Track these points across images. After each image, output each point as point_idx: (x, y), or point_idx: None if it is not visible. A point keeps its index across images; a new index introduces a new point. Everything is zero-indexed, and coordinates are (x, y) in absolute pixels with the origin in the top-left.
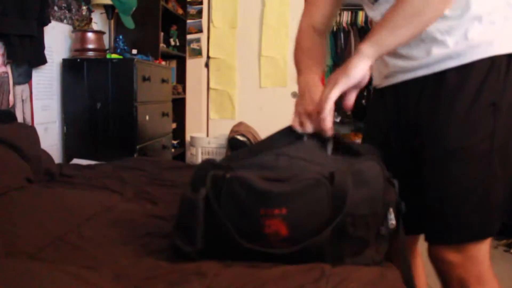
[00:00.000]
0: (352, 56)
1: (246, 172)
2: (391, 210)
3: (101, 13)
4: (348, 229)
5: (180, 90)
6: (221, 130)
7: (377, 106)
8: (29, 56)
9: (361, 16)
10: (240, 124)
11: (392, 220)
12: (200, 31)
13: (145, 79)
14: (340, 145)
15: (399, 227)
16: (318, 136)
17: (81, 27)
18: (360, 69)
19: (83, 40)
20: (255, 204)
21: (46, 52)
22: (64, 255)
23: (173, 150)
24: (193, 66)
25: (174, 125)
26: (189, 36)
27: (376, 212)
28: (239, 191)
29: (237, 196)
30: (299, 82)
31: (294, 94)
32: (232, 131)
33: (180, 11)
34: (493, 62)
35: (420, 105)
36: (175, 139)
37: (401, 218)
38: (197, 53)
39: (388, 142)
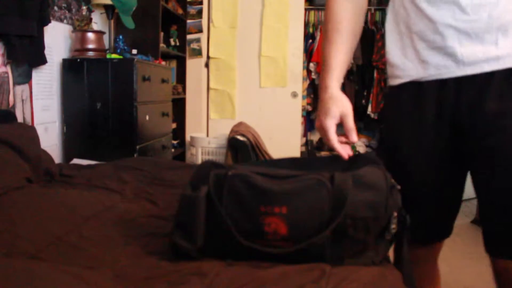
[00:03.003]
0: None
1: (247, 169)
2: (394, 214)
3: (101, 13)
4: (348, 231)
5: (180, 90)
6: (221, 130)
7: (415, 103)
8: (29, 56)
9: None
10: (240, 124)
11: (394, 224)
12: (200, 31)
13: (145, 79)
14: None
15: (403, 233)
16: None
17: (81, 27)
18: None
19: (83, 40)
20: (255, 201)
21: (46, 52)
22: (64, 255)
23: (173, 150)
24: (193, 66)
25: (174, 125)
26: (189, 36)
27: (378, 216)
28: (240, 188)
29: (238, 193)
30: (325, 89)
31: (294, 94)
32: (232, 131)
33: (180, 11)
34: None
35: (490, 104)
36: (175, 139)
37: (404, 227)
38: (197, 53)
39: (431, 145)
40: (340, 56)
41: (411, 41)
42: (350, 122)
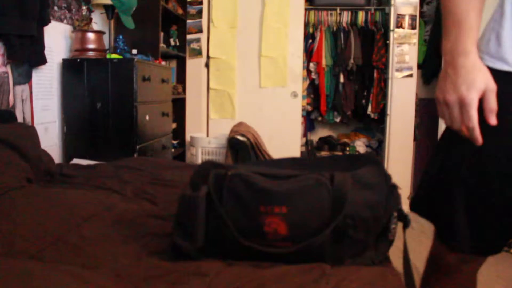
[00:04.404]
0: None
1: (247, 169)
2: (394, 215)
3: (101, 13)
4: (348, 231)
5: (180, 90)
6: (221, 130)
7: None
8: (29, 56)
9: (361, 16)
10: (240, 124)
11: (394, 225)
12: (200, 31)
13: (145, 79)
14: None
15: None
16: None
17: (81, 27)
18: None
19: (83, 40)
20: (255, 201)
21: (46, 52)
22: (64, 255)
23: (173, 150)
24: (193, 66)
25: (174, 125)
26: (189, 36)
27: (378, 216)
28: (240, 188)
29: (238, 193)
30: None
31: (294, 94)
32: (232, 131)
33: (180, 11)
34: None
35: None
36: (175, 139)
37: (404, 226)
38: (197, 53)
39: None
40: (476, 12)
41: None
42: (494, 100)
